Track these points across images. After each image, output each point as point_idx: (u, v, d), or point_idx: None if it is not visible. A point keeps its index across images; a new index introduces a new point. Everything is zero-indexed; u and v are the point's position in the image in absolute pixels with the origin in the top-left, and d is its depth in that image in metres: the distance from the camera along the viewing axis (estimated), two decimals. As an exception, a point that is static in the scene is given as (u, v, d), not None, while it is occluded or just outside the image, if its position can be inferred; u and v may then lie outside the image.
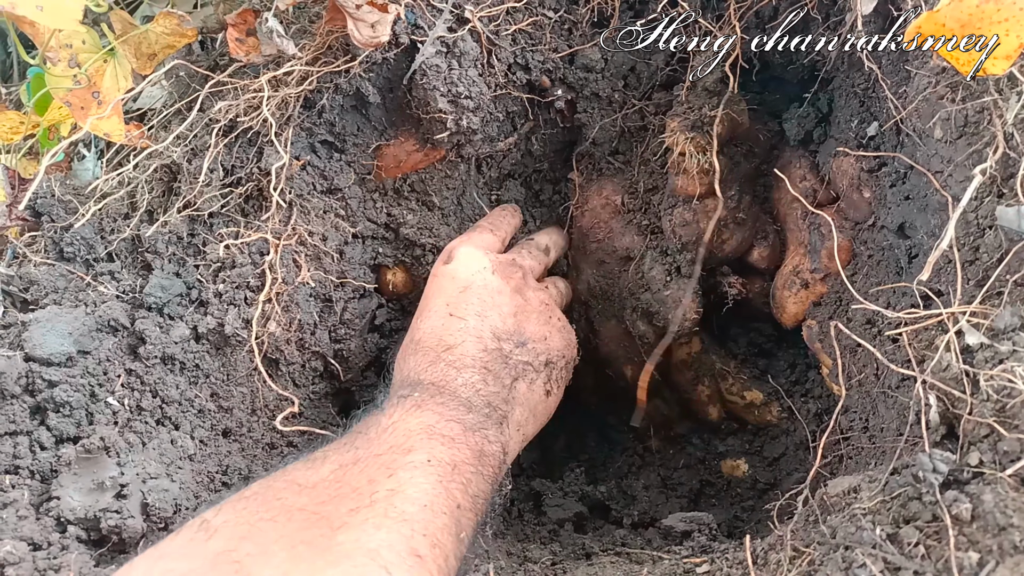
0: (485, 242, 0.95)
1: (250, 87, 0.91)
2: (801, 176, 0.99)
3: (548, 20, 0.99)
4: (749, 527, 0.93)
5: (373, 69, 0.93)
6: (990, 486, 0.56)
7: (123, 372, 0.84)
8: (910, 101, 0.78)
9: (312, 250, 0.95)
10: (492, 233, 0.98)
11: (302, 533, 0.59)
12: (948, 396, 0.63)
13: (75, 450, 0.77)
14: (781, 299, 1.01)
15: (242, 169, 0.93)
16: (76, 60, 0.90)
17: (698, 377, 1.09)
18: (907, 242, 0.85)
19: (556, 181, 1.13)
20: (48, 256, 0.91)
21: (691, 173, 0.97)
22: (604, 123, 1.04)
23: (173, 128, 0.94)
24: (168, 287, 0.89)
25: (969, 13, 0.68)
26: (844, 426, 0.88)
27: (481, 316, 0.85)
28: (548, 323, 0.91)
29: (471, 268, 0.89)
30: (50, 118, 0.99)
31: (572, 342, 0.94)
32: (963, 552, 0.54)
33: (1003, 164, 0.69)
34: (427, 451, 0.69)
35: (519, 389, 0.85)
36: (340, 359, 0.99)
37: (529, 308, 0.90)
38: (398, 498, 0.64)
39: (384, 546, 0.59)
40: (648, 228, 1.07)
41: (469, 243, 0.93)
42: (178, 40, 0.94)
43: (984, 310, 0.66)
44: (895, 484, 0.62)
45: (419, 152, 1.00)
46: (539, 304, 0.92)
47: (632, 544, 0.90)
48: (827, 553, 0.61)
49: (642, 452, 1.15)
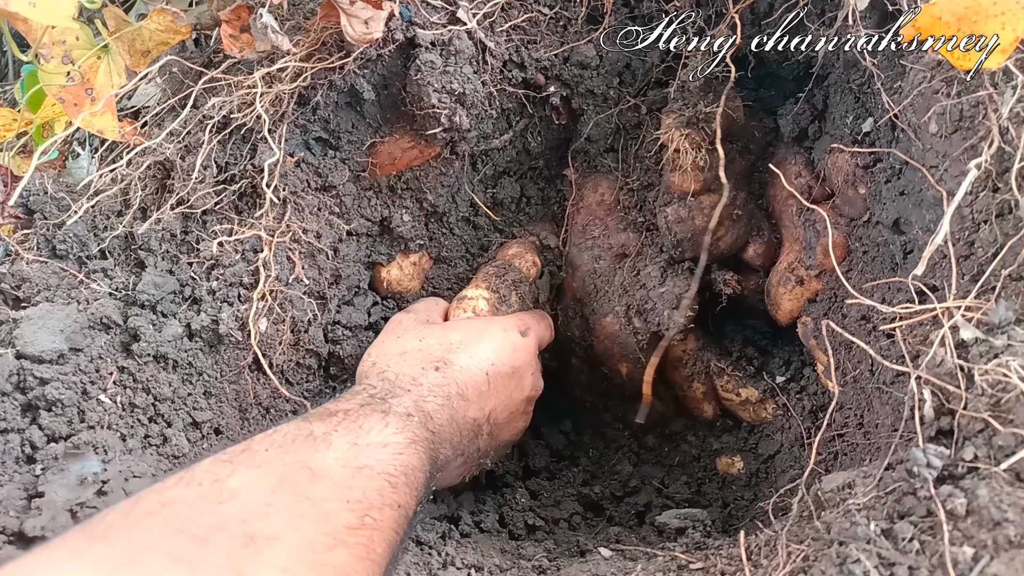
0: (543, 339, 1.01)
1: (244, 83, 0.91)
2: (796, 172, 0.99)
3: (543, 16, 0.99)
4: (744, 524, 0.93)
5: (368, 65, 0.92)
6: (985, 481, 0.56)
7: (115, 370, 0.84)
8: (905, 96, 0.78)
9: (306, 247, 0.95)
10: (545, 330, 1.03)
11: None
12: (943, 391, 0.63)
13: (64, 446, 0.76)
14: (776, 296, 1.00)
15: (236, 166, 0.92)
16: (69, 57, 0.90)
17: (693, 374, 1.09)
18: (902, 237, 0.85)
19: (551, 178, 1.13)
20: (41, 253, 0.91)
21: (686, 169, 0.96)
22: (599, 120, 1.04)
23: (167, 125, 0.93)
24: (161, 284, 0.88)
25: (966, 7, 0.68)
26: (839, 422, 0.88)
27: (500, 395, 0.90)
28: (517, 421, 0.96)
29: (530, 361, 0.95)
30: (43, 115, 0.98)
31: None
32: (958, 547, 0.53)
33: (998, 158, 0.68)
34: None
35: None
36: (335, 357, 0.99)
37: (523, 417, 0.97)
38: None
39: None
40: (643, 225, 1.07)
41: (537, 334, 0.98)
42: (172, 37, 0.94)
43: (979, 304, 0.65)
44: (889, 479, 0.62)
45: (414, 149, 1.00)
46: (527, 412, 0.98)
47: (626, 541, 0.90)
48: (821, 549, 0.61)
49: (637, 449, 1.15)
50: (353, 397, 0.80)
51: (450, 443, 0.82)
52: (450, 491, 0.98)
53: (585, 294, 1.10)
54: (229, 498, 0.59)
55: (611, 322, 1.08)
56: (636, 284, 1.05)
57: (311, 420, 0.71)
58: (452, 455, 0.83)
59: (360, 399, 0.79)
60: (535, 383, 0.96)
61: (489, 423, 0.89)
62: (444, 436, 0.81)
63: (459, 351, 0.88)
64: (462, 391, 0.85)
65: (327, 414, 0.73)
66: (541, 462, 1.12)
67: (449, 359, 0.87)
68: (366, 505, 0.64)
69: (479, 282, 1.01)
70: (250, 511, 0.58)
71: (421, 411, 0.79)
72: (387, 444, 0.71)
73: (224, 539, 0.55)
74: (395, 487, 0.68)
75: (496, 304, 0.98)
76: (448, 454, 0.82)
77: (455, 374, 0.86)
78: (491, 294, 0.99)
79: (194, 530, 0.55)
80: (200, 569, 0.52)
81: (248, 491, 0.60)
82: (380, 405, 0.77)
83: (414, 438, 0.75)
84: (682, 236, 1.01)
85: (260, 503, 0.59)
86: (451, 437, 0.82)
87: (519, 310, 1.00)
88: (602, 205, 1.08)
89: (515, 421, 0.95)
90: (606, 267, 1.09)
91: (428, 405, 0.81)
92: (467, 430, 0.85)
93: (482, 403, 0.87)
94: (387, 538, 0.65)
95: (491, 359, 0.89)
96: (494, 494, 1.03)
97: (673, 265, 1.04)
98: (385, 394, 0.81)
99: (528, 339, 0.95)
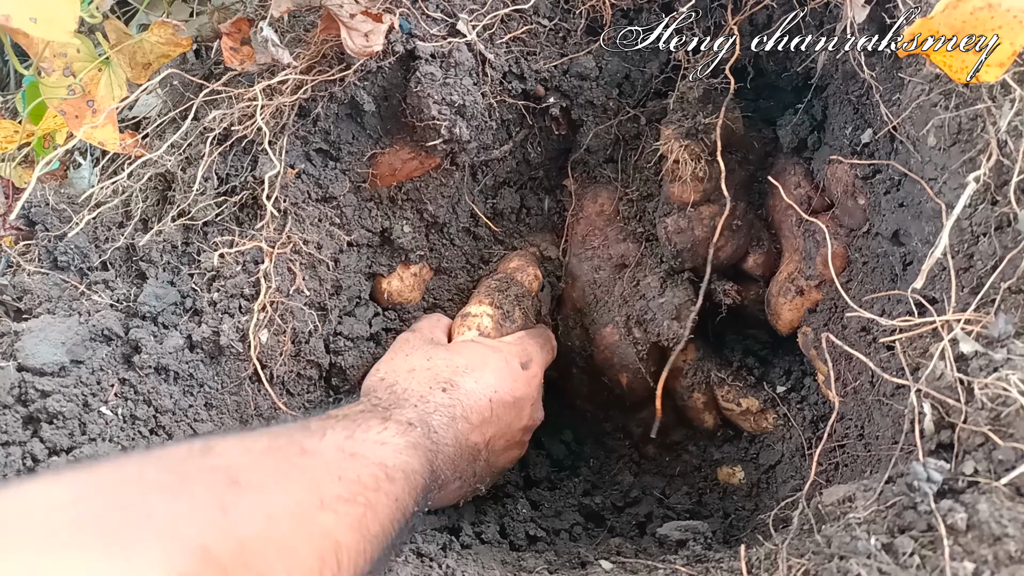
0: (546, 363, 1.01)
1: (244, 96, 0.91)
2: (796, 183, 0.99)
3: (542, 28, 1.00)
4: (745, 535, 0.93)
5: (368, 78, 0.93)
6: (985, 495, 0.56)
7: (117, 382, 0.84)
8: (904, 108, 0.78)
9: (307, 259, 0.95)
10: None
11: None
12: (943, 404, 0.63)
13: (65, 460, 0.76)
14: (776, 306, 1.01)
15: (236, 178, 0.93)
16: (71, 69, 0.90)
17: (694, 384, 1.09)
18: (901, 249, 0.85)
19: (551, 189, 1.13)
20: (42, 265, 0.91)
21: (686, 180, 0.97)
22: (598, 131, 1.04)
23: (168, 137, 0.94)
24: (162, 296, 0.89)
25: (963, 20, 0.68)
26: (840, 434, 0.88)
27: (501, 423, 0.90)
28: (513, 450, 0.96)
29: (530, 393, 0.95)
30: (45, 127, 0.99)
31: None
32: (958, 562, 0.53)
33: (997, 171, 0.69)
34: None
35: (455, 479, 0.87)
36: (336, 368, 0.99)
37: (519, 447, 0.97)
38: None
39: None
40: (643, 235, 1.07)
41: (540, 363, 0.98)
42: (173, 49, 0.94)
43: (978, 318, 0.66)
44: (890, 493, 0.62)
45: (414, 160, 1.00)
46: (523, 443, 0.98)
47: (627, 552, 0.90)
48: (822, 563, 0.61)
49: (638, 459, 1.15)
50: (355, 405, 0.80)
51: (452, 463, 0.82)
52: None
53: (585, 304, 1.10)
54: (216, 455, 0.58)
55: (611, 332, 1.08)
56: (636, 294, 1.05)
57: (306, 423, 0.71)
58: (451, 476, 0.83)
59: (362, 407, 0.80)
60: (533, 414, 0.96)
61: (487, 449, 0.89)
62: (447, 454, 0.81)
63: (465, 375, 0.89)
64: (467, 414, 0.85)
65: (325, 417, 0.74)
66: (542, 472, 1.12)
67: (456, 381, 0.87)
68: (360, 486, 0.63)
69: (482, 297, 1.01)
70: (236, 465, 0.57)
71: (425, 424, 0.79)
72: (385, 443, 0.71)
73: (209, 477, 0.55)
74: (392, 480, 0.67)
75: (500, 320, 0.99)
76: (448, 474, 0.81)
77: (461, 396, 0.86)
78: (495, 310, 0.99)
79: (179, 468, 0.55)
80: (182, 498, 0.52)
81: (235, 451, 0.59)
82: (382, 413, 0.77)
83: (415, 443, 0.74)
84: (682, 246, 1.01)
85: (247, 460, 0.59)
86: (453, 457, 0.82)
87: (523, 325, 1.01)
88: (602, 215, 1.09)
89: (511, 450, 0.95)
90: (606, 277, 1.09)
91: (434, 421, 0.81)
92: (468, 454, 0.85)
93: (484, 429, 0.87)
94: (381, 521, 0.63)
95: (494, 387, 0.90)
96: (495, 504, 1.02)
97: (673, 276, 1.04)
98: (389, 404, 0.81)
99: (530, 371, 0.95)
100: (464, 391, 0.87)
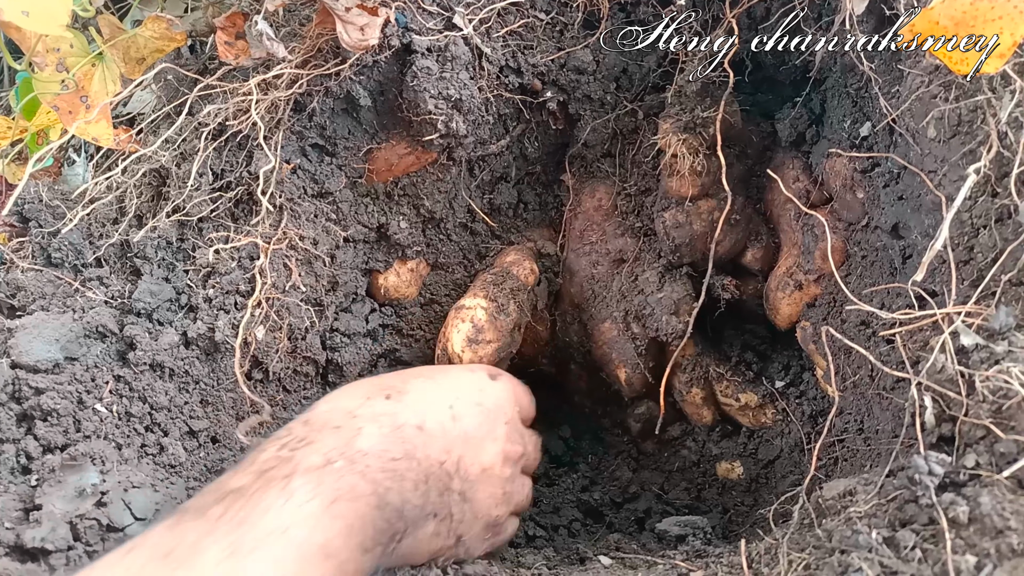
0: (522, 402, 0.85)
1: (239, 91, 0.90)
2: (794, 177, 0.98)
3: (539, 22, 0.99)
4: (744, 530, 0.92)
5: (364, 72, 0.92)
6: (987, 488, 0.55)
7: (111, 378, 0.83)
8: (903, 101, 0.78)
9: (303, 254, 0.94)
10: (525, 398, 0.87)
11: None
12: (944, 397, 0.63)
13: (60, 458, 0.76)
14: (775, 301, 1.00)
15: (232, 173, 0.92)
16: (64, 65, 0.89)
17: (692, 379, 1.09)
18: (901, 242, 0.84)
19: (549, 184, 1.13)
20: (36, 262, 0.90)
21: (684, 174, 0.96)
22: (596, 125, 1.04)
23: (162, 132, 0.93)
24: (157, 292, 0.88)
25: (963, 11, 0.67)
26: (839, 428, 0.87)
27: (470, 442, 0.76)
28: (495, 487, 0.78)
29: (502, 407, 0.80)
30: (38, 123, 0.98)
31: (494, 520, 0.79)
32: (960, 555, 0.53)
33: (997, 163, 0.68)
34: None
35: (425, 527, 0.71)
36: (332, 364, 0.99)
37: (501, 486, 0.79)
38: None
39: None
40: (641, 230, 1.07)
41: (511, 383, 0.84)
42: (167, 44, 0.94)
43: (979, 310, 0.65)
44: (891, 487, 0.61)
45: (410, 155, 0.99)
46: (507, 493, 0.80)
47: (626, 548, 0.89)
48: (823, 557, 0.60)
49: (636, 455, 1.15)
50: (256, 459, 0.65)
51: (413, 485, 0.68)
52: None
53: (583, 300, 1.10)
54: None
55: (609, 328, 1.07)
56: (634, 289, 1.05)
57: (184, 519, 0.58)
58: (420, 504, 0.68)
59: (262, 463, 0.64)
60: (511, 434, 0.80)
61: (459, 476, 0.73)
62: (400, 473, 0.67)
63: (417, 379, 0.78)
64: (420, 421, 0.71)
65: (214, 500, 0.60)
66: (540, 468, 1.11)
67: (404, 388, 0.75)
68: None
69: (477, 290, 1.00)
70: None
71: (350, 449, 0.65)
72: (287, 528, 0.58)
73: None
74: None
75: (494, 313, 0.98)
76: (416, 502, 0.68)
77: (410, 401, 0.73)
78: (489, 303, 0.98)
79: None
80: None
81: None
82: (283, 468, 0.62)
83: (336, 495, 0.61)
84: (680, 241, 1.01)
85: None
86: (414, 479, 0.68)
87: (518, 318, 1.00)
88: (600, 210, 1.08)
89: (491, 485, 0.77)
90: (604, 272, 1.09)
91: (363, 440, 0.66)
92: (435, 476, 0.70)
93: (447, 443, 0.73)
94: None
95: (456, 393, 0.77)
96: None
97: (671, 270, 1.04)
98: (297, 444, 0.65)
99: (499, 384, 0.83)
100: (414, 395, 0.74)
